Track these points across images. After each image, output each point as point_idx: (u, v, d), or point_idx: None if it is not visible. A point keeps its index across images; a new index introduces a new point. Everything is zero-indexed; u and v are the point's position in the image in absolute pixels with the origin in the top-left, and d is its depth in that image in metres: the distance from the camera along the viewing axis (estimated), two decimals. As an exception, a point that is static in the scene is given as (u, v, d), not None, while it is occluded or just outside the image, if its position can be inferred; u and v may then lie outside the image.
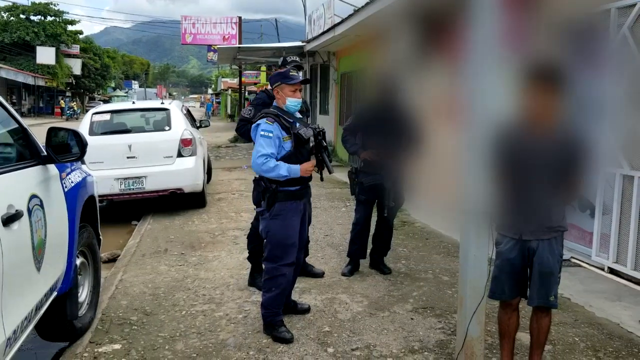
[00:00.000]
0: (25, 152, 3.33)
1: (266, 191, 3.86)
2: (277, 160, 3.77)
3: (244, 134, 4.78)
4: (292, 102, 3.91)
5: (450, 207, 3.52)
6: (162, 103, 9.10)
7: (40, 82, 46.23)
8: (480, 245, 3.02)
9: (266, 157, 3.74)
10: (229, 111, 42.42)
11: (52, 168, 3.53)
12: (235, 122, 32.40)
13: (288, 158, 3.81)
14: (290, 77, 3.95)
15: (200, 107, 59.57)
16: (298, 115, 4.04)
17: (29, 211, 2.93)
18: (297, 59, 4.97)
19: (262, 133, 3.77)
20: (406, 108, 5.39)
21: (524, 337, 3.84)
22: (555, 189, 3.03)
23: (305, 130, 3.91)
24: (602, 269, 5.29)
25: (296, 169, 3.81)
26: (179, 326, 4.12)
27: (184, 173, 7.95)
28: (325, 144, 4.03)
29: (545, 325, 3.21)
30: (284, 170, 3.76)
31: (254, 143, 3.86)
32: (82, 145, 3.51)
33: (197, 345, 3.81)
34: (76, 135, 3.53)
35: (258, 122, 3.84)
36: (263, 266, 4.22)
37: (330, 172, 4.08)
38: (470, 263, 3.00)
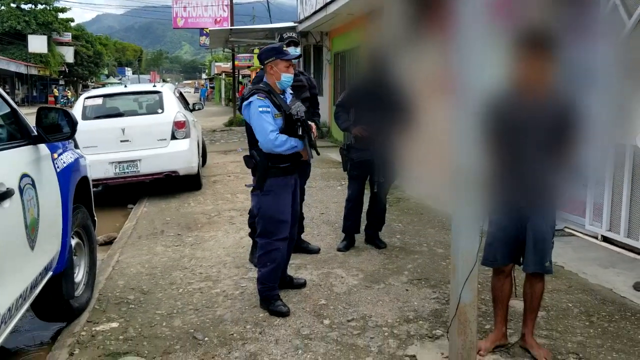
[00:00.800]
0: (15, 133, 3.33)
1: (257, 167, 3.87)
2: None
3: None
4: (286, 77, 3.89)
5: (442, 178, 3.52)
6: (154, 86, 9.07)
7: (33, 71, 45.92)
8: (472, 212, 3.03)
9: (276, 132, 3.73)
10: (223, 95, 42.24)
11: (43, 148, 3.53)
12: (229, 106, 32.32)
13: None
14: (284, 53, 3.93)
15: (194, 92, 59.18)
16: (289, 90, 4.04)
17: (21, 190, 2.94)
18: (294, 34, 4.94)
19: (261, 109, 3.74)
20: (398, 83, 5.39)
21: (517, 304, 3.88)
22: (549, 155, 3.04)
23: (296, 107, 3.89)
24: (596, 238, 5.33)
25: (300, 143, 3.82)
26: (176, 304, 4.15)
27: (178, 155, 7.94)
28: (308, 124, 3.96)
29: (538, 291, 3.24)
30: (294, 141, 3.77)
31: (250, 121, 3.83)
32: (72, 124, 3.50)
33: (195, 321, 3.84)
34: (66, 114, 3.52)
35: (249, 99, 3.80)
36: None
37: (317, 154, 4.05)
38: (462, 230, 3.01)
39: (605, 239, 5.25)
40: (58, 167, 3.66)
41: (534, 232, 3.11)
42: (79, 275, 4.13)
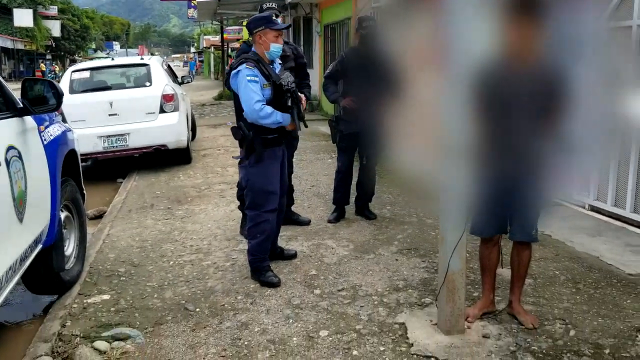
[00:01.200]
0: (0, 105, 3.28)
1: (245, 139, 3.85)
2: None
3: None
4: (275, 47, 3.84)
5: (431, 148, 3.52)
6: (142, 59, 8.96)
7: (20, 46, 45.22)
8: (460, 181, 3.05)
9: (262, 103, 3.71)
10: (212, 69, 41.81)
11: (30, 121, 3.49)
12: (219, 80, 32.04)
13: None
14: (274, 22, 3.87)
15: (183, 66, 58.58)
16: (277, 60, 4.00)
17: (7, 162, 2.91)
18: (274, 4, 4.87)
19: (249, 78, 3.71)
20: (387, 55, 5.36)
21: (504, 272, 3.92)
22: (538, 122, 3.04)
23: (286, 77, 3.86)
24: (583, 207, 5.38)
25: (287, 117, 3.80)
26: (167, 276, 4.17)
27: (167, 129, 7.89)
28: (297, 95, 3.90)
29: (525, 259, 3.28)
30: (279, 116, 3.75)
31: (237, 90, 3.80)
32: (58, 96, 3.47)
33: (186, 292, 3.87)
34: (52, 86, 3.48)
35: (238, 68, 3.77)
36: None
37: (305, 127, 4.03)
38: (451, 198, 3.03)
39: (593, 209, 5.30)
40: (45, 140, 3.63)
41: (521, 202, 3.13)
42: (69, 248, 4.13)
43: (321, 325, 3.31)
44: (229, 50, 30.90)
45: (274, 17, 3.97)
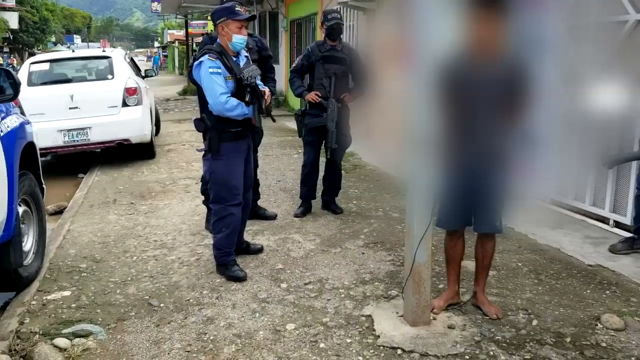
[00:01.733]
0: (-47, 95, 3.16)
1: (208, 132, 3.79)
2: None
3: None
4: (238, 39, 3.79)
5: (397, 141, 3.54)
6: (104, 51, 8.77)
7: (-26, 38, 43.75)
8: (427, 173, 3.06)
9: (227, 95, 3.66)
10: (176, 64, 41.23)
11: (-15, 112, 3.37)
12: (184, 75, 31.61)
13: None
14: (236, 13, 3.80)
15: (147, 61, 57.55)
16: (244, 53, 3.95)
17: (-39, 153, 2.80)
18: None
19: (212, 70, 3.65)
20: (353, 48, 5.37)
21: (469, 264, 3.97)
22: (501, 116, 3.08)
23: (249, 70, 3.81)
24: (545, 201, 5.48)
25: (250, 109, 3.76)
26: (130, 271, 4.09)
27: (130, 123, 7.73)
28: (258, 90, 3.85)
29: (489, 250, 3.32)
30: (245, 108, 3.71)
31: (200, 83, 3.74)
32: (15, 85, 3.36)
33: (150, 288, 3.80)
34: (8, 75, 3.37)
35: (200, 59, 3.71)
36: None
37: (273, 121, 4.02)
38: (417, 191, 3.05)
39: (554, 202, 5.41)
40: (1, 131, 3.51)
41: (485, 193, 3.17)
42: (28, 243, 4.01)
43: (288, 319, 3.29)
44: (194, 45, 30.51)
45: (236, 8, 3.91)
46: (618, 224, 4.75)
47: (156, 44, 69.31)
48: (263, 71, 4.69)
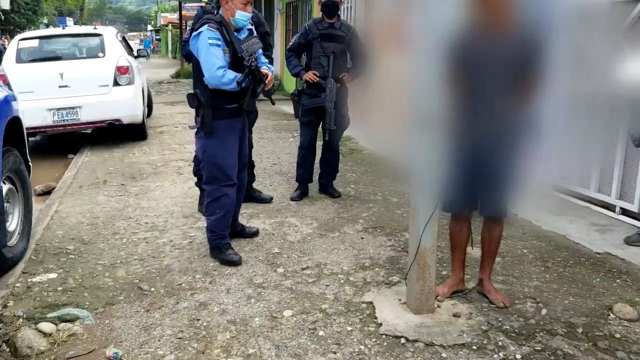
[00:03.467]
0: None
1: (201, 108, 3.60)
2: None
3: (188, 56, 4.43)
4: (242, 15, 3.58)
5: (400, 123, 3.37)
6: (95, 28, 8.52)
7: (-36, 18, 43.03)
8: (433, 155, 2.90)
9: (224, 69, 3.46)
10: (169, 47, 40.76)
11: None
12: (177, 59, 31.24)
13: None
14: None
15: (139, 44, 56.95)
16: (246, 31, 3.74)
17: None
18: None
19: (211, 42, 3.45)
20: (351, 26, 5.17)
21: (473, 251, 3.83)
22: (511, 94, 2.91)
23: (249, 44, 3.61)
24: (548, 187, 5.34)
25: (247, 83, 3.57)
26: (119, 254, 3.92)
27: (122, 103, 7.50)
28: (257, 73, 3.62)
29: (496, 235, 3.17)
30: (244, 82, 3.52)
31: (198, 54, 3.54)
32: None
33: (140, 271, 3.63)
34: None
35: (199, 29, 3.51)
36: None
37: (272, 104, 3.84)
38: (423, 172, 2.89)
39: (557, 188, 5.26)
40: (-17, 105, 3.31)
41: (492, 177, 3.01)
42: (13, 223, 3.83)
43: (285, 305, 3.14)
44: (187, 28, 30.10)
45: None
46: (625, 212, 4.62)
47: (149, 28, 68.53)
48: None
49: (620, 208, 4.66)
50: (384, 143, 6.70)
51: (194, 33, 3.55)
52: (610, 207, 4.76)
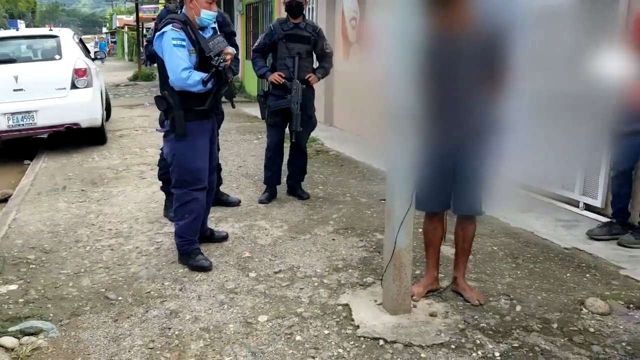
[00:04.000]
0: None
1: (170, 110, 3.49)
2: None
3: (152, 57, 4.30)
4: (207, 15, 3.50)
5: (371, 124, 3.35)
6: (51, 30, 8.25)
7: None
8: (407, 155, 2.88)
9: (189, 70, 3.37)
10: (126, 50, 39.99)
11: None
12: (134, 62, 30.66)
13: None
14: None
15: (94, 48, 55.70)
16: (210, 30, 3.65)
17: None
18: None
19: (176, 42, 3.35)
20: (317, 26, 5.13)
21: (445, 249, 3.84)
22: (480, 89, 2.90)
23: (216, 43, 3.53)
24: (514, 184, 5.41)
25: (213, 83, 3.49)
26: (83, 262, 3.77)
27: (80, 106, 7.27)
28: (225, 75, 3.56)
29: (470, 233, 3.17)
30: (209, 82, 3.44)
31: (162, 55, 3.44)
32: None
33: (106, 280, 3.50)
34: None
35: (163, 29, 3.40)
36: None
37: (232, 107, 3.78)
38: (398, 173, 2.86)
39: (522, 185, 5.33)
40: None
41: (465, 175, 3.01)
42: (-32, 234, 3.64)
43: (259, 310, 3.07)
44: (144, 31, 29.60)
45: None
46: (588, 207, 4.71)
47: (104, 30, 67.07)
48: None
49: (584, 203, 4.75)
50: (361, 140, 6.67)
51: (157, 33, 3.44)
52: (574, 202, 4.84)
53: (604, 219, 4.38)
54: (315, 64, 5.09)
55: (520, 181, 4.94)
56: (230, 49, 3.62)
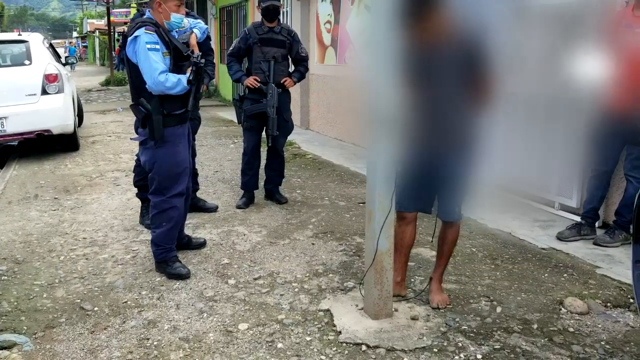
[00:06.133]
0: None
1: (149, 117, 3.42)
2: None
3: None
4: (176, 18, 3.47)
5: (352, 127, 3.34)
6: (20, 35, 8.07)
7: None
8: (388, 158, 2.87)
9: (166, 73, 3.32)
10: (97, 54, 39.46)
11: None
12: (105, 66, 30.28)
13: None
14: None
15: (64, 53, 54.84)
16: (175, 34, 3.61)
17: None
18: None
19: (150, 46, 3.28)
20: (292, 30, 5.11)
21: (425, 252, 3.85)
22: (462, 95, 2.91)
23: (184, 37, 3.51)
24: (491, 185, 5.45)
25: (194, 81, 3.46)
26: (57, 272, 3.68)
27: (51, 112, 7.13)
28: (202, 72, 3.55)
29: (450, 237, 3.15)
30: (186, 80, 3.40)
31: (137, 60, 3.37)
32: None
33: (81, 290, 3.42)
34: None
35: (135, 34, 3.34)
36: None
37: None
38: (379, 176, 2.85)
39: (499, 186, 5.38)
40: None
41: (444, 180, 3.01)
42: (-64, 246, 3.53)
43: (239, 318, 3.02)
44: (116, 35, 29.25)
45: None
46: (563, 207, 4.76)
47: (74, 34, 66.08)
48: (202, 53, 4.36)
49: (559, 204, 4.80)
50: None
51: (129, 38, 3.37)
52: (549, 203, 4.90)
53: (579, 219, 4.43)
54: (291, 68, 5.07)
55: (499, 183, 4.99)
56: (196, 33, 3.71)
